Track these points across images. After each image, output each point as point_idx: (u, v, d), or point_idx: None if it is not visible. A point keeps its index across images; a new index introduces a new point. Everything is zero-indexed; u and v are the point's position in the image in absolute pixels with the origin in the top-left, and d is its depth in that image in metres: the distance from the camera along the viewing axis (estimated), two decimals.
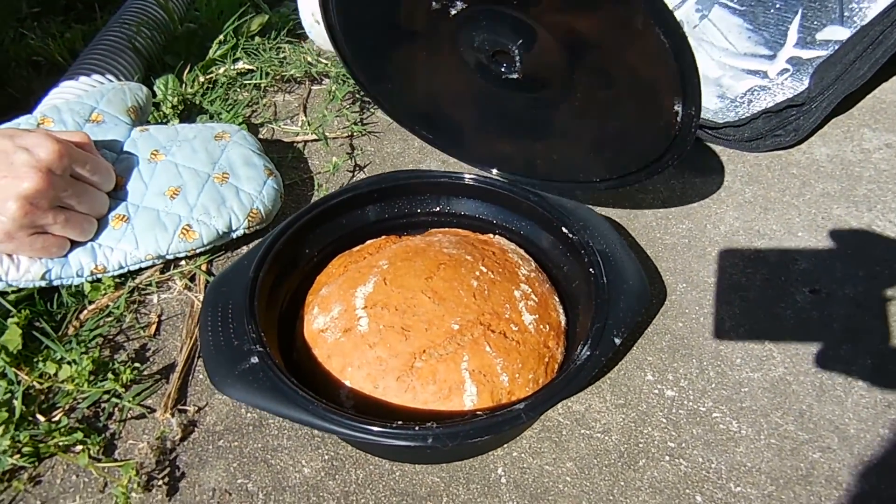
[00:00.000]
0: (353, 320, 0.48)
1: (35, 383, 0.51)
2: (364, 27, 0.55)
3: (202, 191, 0.61)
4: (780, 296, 0.59)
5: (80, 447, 0.49)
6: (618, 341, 0.46)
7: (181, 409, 0.52)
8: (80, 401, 0.52)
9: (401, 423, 0.41)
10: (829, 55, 0.70)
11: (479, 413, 0.44)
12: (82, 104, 0.66)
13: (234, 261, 0.52)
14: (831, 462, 0.48)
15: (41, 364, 0.52)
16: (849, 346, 0.55)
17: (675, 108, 0.46)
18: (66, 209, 0.55)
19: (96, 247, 0.58)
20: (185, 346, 0.56)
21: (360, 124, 0.79)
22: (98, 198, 0.57)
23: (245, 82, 0.84)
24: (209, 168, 0.63)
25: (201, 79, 0.83)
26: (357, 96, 0.82)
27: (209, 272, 0.62)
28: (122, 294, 0.59)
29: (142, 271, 0.61)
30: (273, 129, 0.79)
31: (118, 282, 0.60)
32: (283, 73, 0.85)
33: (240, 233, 0.62)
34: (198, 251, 0.61)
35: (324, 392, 0.46)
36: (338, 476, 0.49)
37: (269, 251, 0.52)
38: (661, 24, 0.41)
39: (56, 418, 0.50)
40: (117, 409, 0.52)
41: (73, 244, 0.57)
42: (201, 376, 0.54)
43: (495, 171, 0.61)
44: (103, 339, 0.56)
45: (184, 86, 0.81)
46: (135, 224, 0.59)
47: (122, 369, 0.53)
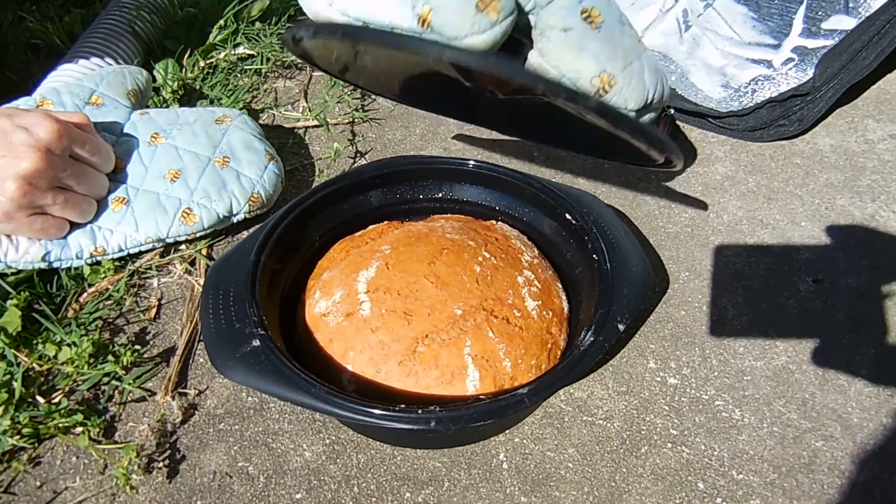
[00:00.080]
0: (356, 304, 0.48)
1: (35, 365, 0.51)
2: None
3: (203, 174, 0.61)
4: (784, 285, 0.59)
5: (80, 429, 0.48)
6: (621, 327, 0.46)
7: (182, 393, 0.52)
8: (79, 383, 0.52)
9: (403, 406, 0.41)
10: (835, 45, 0.70)
11: (482, 397, 0.43)
12: (82, 87, 0.65)
13: (235, 244, 0.52)
14: (834, 450, 0.48)
15: (41, 346, 0.52)
16: (852, 335, 0.55)
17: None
18: (65, 190, 0.54)
19: (96, 229, 0.57)
20: (185, 330, 0.56)
21: (361, 111, 0.78)
22: (97, 179, 0.57)
23: (246, 67, 0.83)
24: (210, 152, 0.62)
25: (201, 64, 0.82)
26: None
27: (209, 256, 0.62)
28: (122, 277, 0.59)
29: (142, 255, 0.61)
30: (274, 114, 0.78)
31: (118, 265, 0.59)
32: (284, 59, 0.84)
33: (240, 217, 0.62)
34: (198, 235, 0.61)
35: (325, 376, 0.46)
36: (339, 460, 0.48)
37: (271, 235, 0.51)
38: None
39: (56, 400, 0.50)
40: (117, 391, 0.52)
41: (73, 226, 0.57)
42: (202, 360, 0.54)
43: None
44: (103, 322, 0.56)
45: (184, 70, 0.81)
46: (135, 207, 0.58)
47: (122, 352, 0.52)
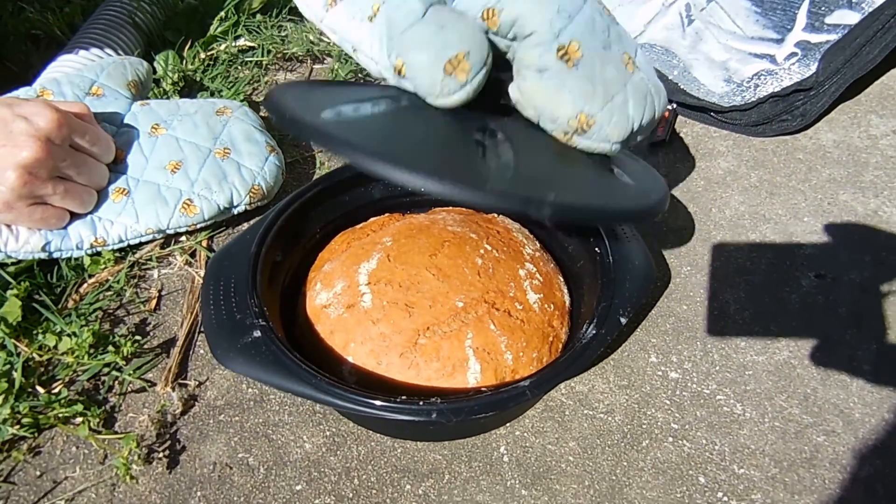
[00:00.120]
0: (357, 296, 0.48)
1: (35, 355, 0.51)
2: None
3: (203, 165, 0.60)
4: (786, 280, 0.58)
5: (80, 419, 0.48)
6: (624, 321, 0.46)
7: (182, 384, 0.52)
8: (79, 373, 0.52)
9: (404, 397, 0.41)
10: (838, 39, 0.70)
11: (483, 390, 0.43)
12: (82, 77, 0.65)
13: (235, 236, 0.51)
14: (835, 445, 0.48)
15: (41, 336, 0.52)
16: (854, 330, 0.54)
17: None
18: (65, 180, 0.54)
19: (96, 220, 0.57)
20: (185, 322, 0.55)
21: None
22: (97, 169, 0.57)
23: (246, 60, 0.83)
24: (210, 143, 0.62)
25: (202, 55, 0.82)
26: (359, 76, 0.81)
27: (210, 248, 0.62)
28: (123, 268, 0.58)
29: (142, 246, 0.60)
30: None
31: (118, 256, 0.59)
32: (285, 52, 0.84)
33: (241, 209, 0.62)
34: (198, 226, 0.60)
35: (326, 368, 0.46)
36: (339, 452, 0.48)
37: (272, 226, 0.51)
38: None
39: (56, 390, 0.50)
40: (117, 382, 0.52)
41: (73, 216, 0.56)
42: (202, 351, 0.54)
43: None
44: (103, 312, 0.56)
45: (184, 62, 0.80)
46: (135, 198, 0.58)
47: (122, 342, 0.52)
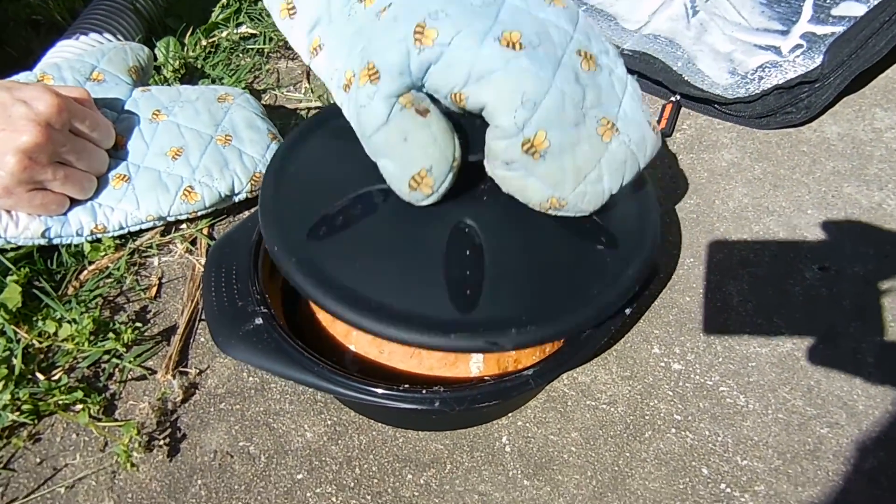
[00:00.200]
0: None
1: (34, 342, 0.51)
2: None
3: (205, 152, 0.60)
4: (789, 272, 0.58)
5: (80, 406, 0.48)
6: (627, 311, 0.46)
7: (182, 372, 0.51)
8: (80, 360, 0.51)
9: (407, 385, 0.40)
10: (844, 31, 0.69)
11: (486, 379, 0.43)
12: (83, 62, 0.64)
13: (237, 223, 0.51)
14: (839, 437, 0.48)
15: (41, 323, 0.52)
16: (858, 323, 0.54)
17: None
18: (65, 165, 0.53)
19: (96, 206, 0.57)
20: (186, 309, 0.55)
21: None
22: (97, 155, 0.56)
23: (248, 47, 0.82)
24: (212, 130, 0.62)
25: (203, 42, 0.81)
26: None
27: (210, 236, 0.61)
28: (123, 255, 0.58)
29: (142, 233, 0.60)
30: (276, 95, 0.77)
31: (118, 243, 0.59)
32: (287, 39, 0.83)
33: (242, 196, 0.61)
34: (199, 214, 0.60)
35: (328, 356, 0.45)
36: (340, 441, 0.48)
37: None
38: None
39: (56, 377, 0.50)
40: (118, 369, 0.51)
41: (73, 203, 0.56)
42: (202, 339, 0.54)
43: None
44: (103, 299, 0.56)
45: (185, 49, 0.80)
46: (136, 184, 0.58)
47: (122, 329, 0.52)
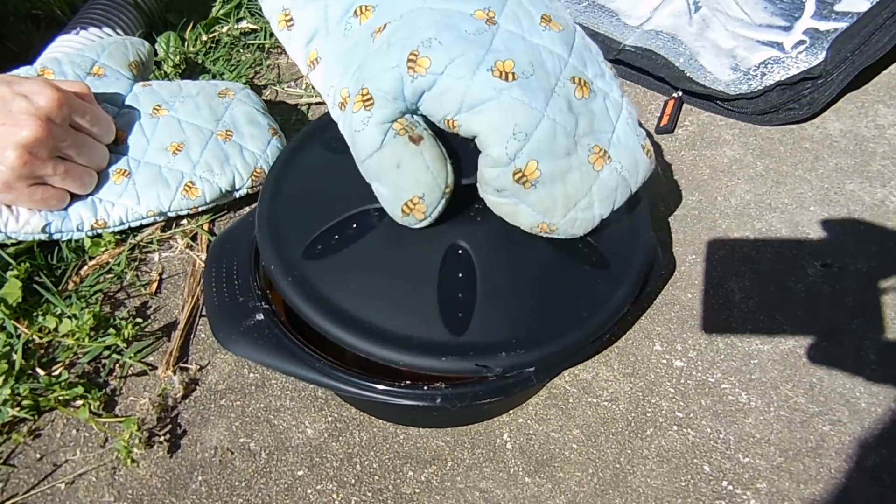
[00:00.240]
0: None
1: (35, 337, 0.50)
2: None
3: (205, 147, 0.60)
4: (791, 269, 0.58)
5: (80, 402, 0.48)
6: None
7: (183, 367, 0.51)
8: (80, 356, 0.51)
9: (409, 382, 0.40)
10: (847, 27, 0.69)
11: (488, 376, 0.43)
12: (83, 57, 0.64)
13: (238, 218, 0.51)
14: (841, 435, 0.48)
15: (41, 318, 0.52)
16: (860, 320, 0.54)
17: None
18: (65, 160, 0.53)
19: (97, 201, 0.56)
20: (186, 305, 0.55)
21: None
22: (98, 150, 0.56)
23: (249, 42, 0.82)
24: (212, 125, 0.61)
25: (204, 37, 0.81)
26: None
27: (211, 231, 0.61)
28: (123, 251, 0.58)
29: (143, 228, 0.60)
30: (277, 90, 0.77)
31: (119, 238, 0.59)
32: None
33: (243, 192, 0.61)
34: (200, 209, 0.60)
35: (329, 352, 0.46)
36: (341, 438, 0.48)
37: None
38: None
39: (56, 372, 0.50)
40: (118, 365, 0.51)
41: (74, 198, 0.56)
42: (203, 335, 0.54)
43: None
44: (104, 295, 0.55)
45: (186, 44, 0.79)
46: (136, 179, 0.57)
47: (123, 325, 0.52)
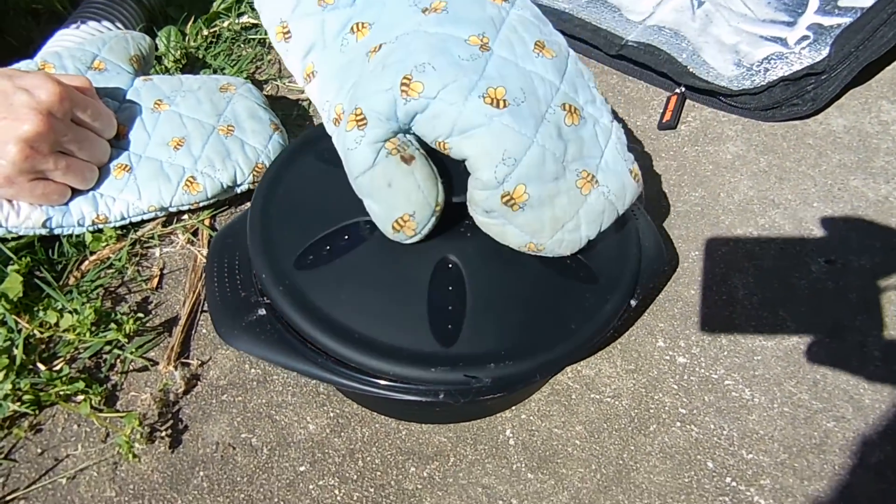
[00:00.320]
0: None
1: (36, 332, 0.50)
2: None
3: (207, 142, 0.59)
4: (795, 265, 0.58)
5: (81, 397, 0.48)
6: (633, 303, 0.45)
7: (184, 363, 0.51)
8: (81, 351, 0.51)
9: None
10: (851, 22, 0.69)
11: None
12: (84, 51, 0.63)
13: (238, 213, 0.51)
14: (846, 431, 0.48)
15: (42, 313, 0.51)
16: (864, 316, 0.54)
17: None
18: (66, 155, 0.53)
19: (98, 196, 0.56)
20: (187, 301, 0.55)
21: None
22: (99, 145, 0.56)
23: (250, 37, 0.82)
24: (214, 120, 0.61)
25: (205, 32, 0.80)
26: None
27: (212, 227, 0.61)
28: (124, 246, 0.58)
29: (144, 224, 0.60)
30: (278, 85, 0.77)
31: (120, 234, 0.58)
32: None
33: (244, 187, 0.61)
34: (201, 204, 0.59)
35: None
36: (343, 433, 0.48)
37: None
38: None
39: (57, 367, 0.50)
40: (119, 360, 0.51)
41: (75, 193, 0.55)
42: (204, 331, 0.53)
43: None
44: (104, 290, 0.55)
45: (186, 39, 0.79)
46: (137, 174, 0.57)
47: (124, 320, 0.52)
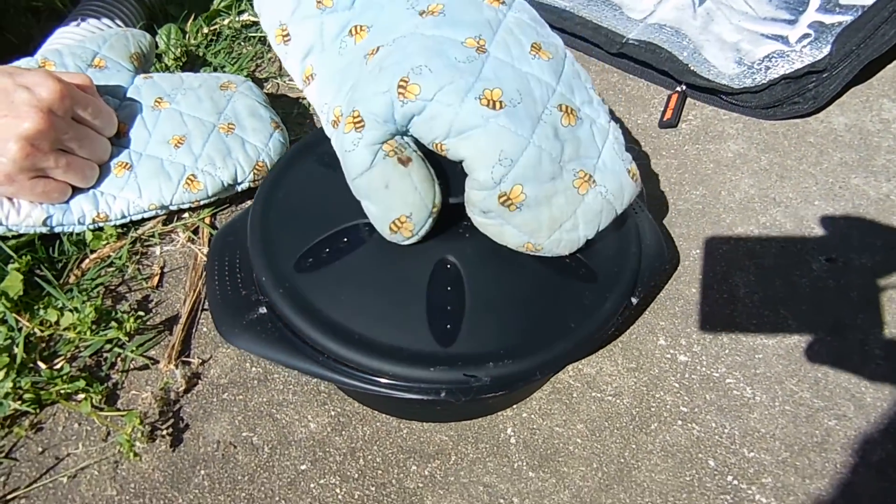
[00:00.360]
0: None
1: (36, 330, 0.50)
2: None
3: (207, 141, 0.59)
4: (796, 264, 0.58)
5: (82, 395, 0.48)
6: (635, 301, 0.45)
7: (185, 361, 0.51)
8: (82, 349, 0.51)
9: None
10: (853, 20, 0.69)
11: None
12: (84, 49, 0.63)
13: (239, 212, 0.50)
14: (847, 429, 0.47)
15: (42, 311, 0.51)
16: (865, 314, 0.54)
17: None
18: (66, 153, 0.53)
19: (98, 194, 0.56)
20: (188, 299, 0.55)
21: None
22: (99, 143, 0.55)
23: (250, 35, 0.81)
24: (214, 118, 0.61)
25: (205, 30, 0.80)
26: None
27: (213, 225, 0.61)
28: (125, 244, 0.57)
29: (144, 222, 0.60)
30: (278, 83, 0.77)
31: (120, 232, 0.58)
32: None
33: (245, 185, 0.61)
34: (202, 203, 0.59)
35: None
36: (344, 432, 0.48)
37: None
38: None
39: (58, 366, 0.49)
40: (120, 358, 0.51)
41: (75, 191, 0.55)
42: (205, 329, 0.53)
43: None
44: (105, 288, 0.55)
45: (187, 37, 0.79)
46: (138, 172, 0.57)
47: (124, 319, 0.51)
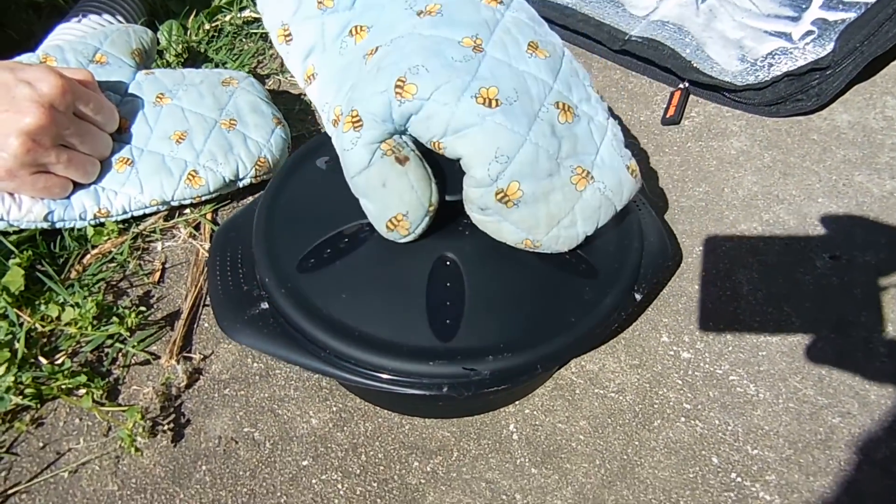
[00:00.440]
0: None
1: (37, 325, 0.50)
2: None
3: (209, 136, 0.59)
4: (800, 261, 0.58)
5: (83, 390, 0.47)
6: (638, 297, 0.45)
7: (186, 357, 0.51)
8: (83, 344, 0.51)
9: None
10: (856, 17, 0.68)
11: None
12: (86, 44, 0.63)
13: (241, 207, 0.50)
14: (851, 427, 0.47)
15: (43, 306, 0.51)
16: (869, 312, 0.54)
17: None
18: (68, 149, 0.53)
19: (100, 190, 0.56)
20: (189, 295, 0.54)
21: None
22: (101, 138, 0.55)
23: (251, 31, 0.81)
24: (216, 114, 0.61)
25: (206, 26, 0.80)
26: None
27: (214, 221, 0.60)
28: (126, 240, 0.57)
29: (146, 217, 0.59)
30: (280, 80, 0.76)
31: (122, 227, 0.58)
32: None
33: (246, 181, 0.60)
34: (203, 198, 0.59)
35: None
36: (346, 428, 0.48)
37: None
38: None
39: (59, 361, 0.49)
40: (121, 354, 0.51)
41: (77, 186, 0.55)
42: (206, 325, 0.53)
43: None
44: (106, 284, 0.55)
45: (188, 33, 0.79)
46: (139, 168, 0.57)
47: (126, 314, 0.51)
